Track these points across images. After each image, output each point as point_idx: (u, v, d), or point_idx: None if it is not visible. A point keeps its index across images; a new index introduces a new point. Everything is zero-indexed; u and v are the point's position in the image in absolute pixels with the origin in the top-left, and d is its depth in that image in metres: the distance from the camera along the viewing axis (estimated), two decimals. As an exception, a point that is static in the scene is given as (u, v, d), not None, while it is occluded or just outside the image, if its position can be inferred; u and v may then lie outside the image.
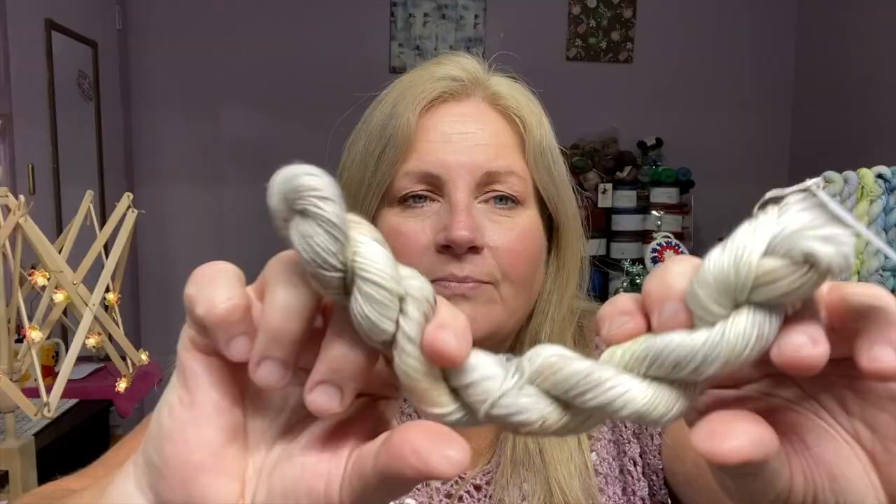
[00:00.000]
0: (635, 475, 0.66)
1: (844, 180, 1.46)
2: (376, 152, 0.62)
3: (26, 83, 2.47)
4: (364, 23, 3.53)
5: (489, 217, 0.61)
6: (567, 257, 0.67)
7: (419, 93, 0.62)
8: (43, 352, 1.82)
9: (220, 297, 0.28)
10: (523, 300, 0.63)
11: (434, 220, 0.61)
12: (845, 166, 1.50)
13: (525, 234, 0.62)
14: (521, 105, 0.64)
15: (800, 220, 0.23)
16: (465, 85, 0.64)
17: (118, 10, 3.30)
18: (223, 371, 0.29)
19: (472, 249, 0.59)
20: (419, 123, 0.61)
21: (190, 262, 1.51)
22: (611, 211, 3.32)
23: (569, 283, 0.67)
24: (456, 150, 0.61)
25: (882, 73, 3.06)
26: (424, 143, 0.61)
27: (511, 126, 0.64)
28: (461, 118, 0.62)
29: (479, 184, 0.61)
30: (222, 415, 0.29)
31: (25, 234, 1.18)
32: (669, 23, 3.65)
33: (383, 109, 0.63)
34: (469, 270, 0.59)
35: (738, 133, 3.75)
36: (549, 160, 0.64)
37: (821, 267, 0.22)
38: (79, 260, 1.31)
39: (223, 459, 0.29)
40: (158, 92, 3.45)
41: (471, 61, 0.65)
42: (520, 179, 0.63)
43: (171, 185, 3.50)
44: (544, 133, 0.65)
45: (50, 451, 1.72)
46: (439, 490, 0.64)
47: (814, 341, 0.23)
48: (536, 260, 0.64)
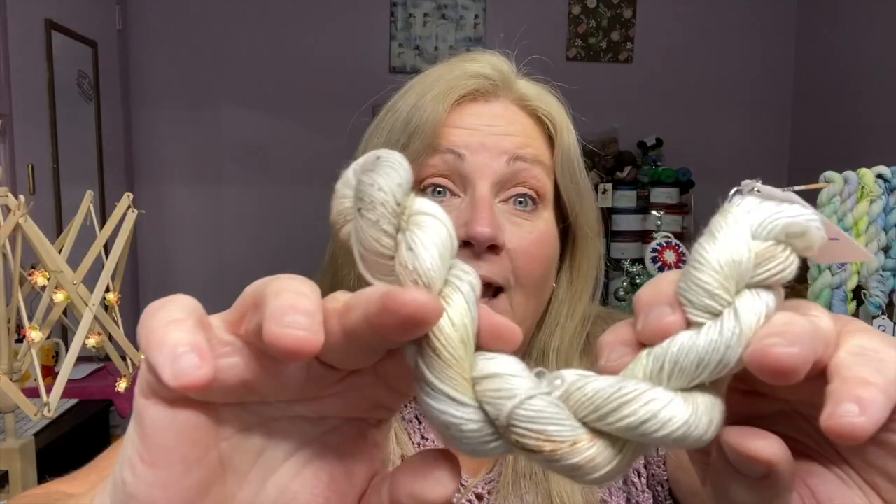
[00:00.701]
0: (639, 486, 0.65)
1: (844, 180, 1.46)
2: (401, 142, 0.59)
3: (26, 83, 2.47)
4: (364, 23, 3.53)
5: (509, 218, 0.60)
6: (582, 267, 0.65)
7: (449, 87, 0.60)
8: (43, 352, 1.82)
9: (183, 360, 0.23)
10: (533, 309, 0.62)
11: (454, 214, 0.57)
12: (845, 166, 1.50)
13: (543, 237, 0.61)
14: (551, 108, 0.63)
15: (766, 208, 0.25)
16: (495, 84, 0.62)
17: (118, 10, 3.30)
18: (190, 420, 0.25)
19: (491, 249, 0.57)
20: (447, 118, 0.59)
21: (190, 261, 1.52)
22: (611, 211, 3.32)
23: (582, 294, 0.65)
24: (482, 135, 0.59)
25: (882, 73, 3.06)
26: (451, 130, 0.60)
27: (540, 127, 0.63)
28: (489, 116, 0.61)
29: (501, 181, 0.59)
30: (191, 470, 0.25)
31: (25, 234, 1.18)
32: (669, 23, 3.65)
33: (408, 101, 0.61)
34: (486, 270, 0.57)
35: (738, 133, 3.75)
36: (574, 166, 0.63)
37: (802, 239, 0.25)
38: (79, 260, 1.31)
39: None
40: (158, 92, 3.45)
41: (502, 61, 0.64)
42: (545, 170, 0.61)
43: (171, 185, 3.50)
44: (572, 140, 0.64)
45: (50, 451, 1.72)
46: None
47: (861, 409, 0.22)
48: (550, 266, 0.63)
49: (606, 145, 3.42)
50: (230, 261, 3.49)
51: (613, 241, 3.33)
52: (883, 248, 1.44)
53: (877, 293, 1.43)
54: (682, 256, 1.59)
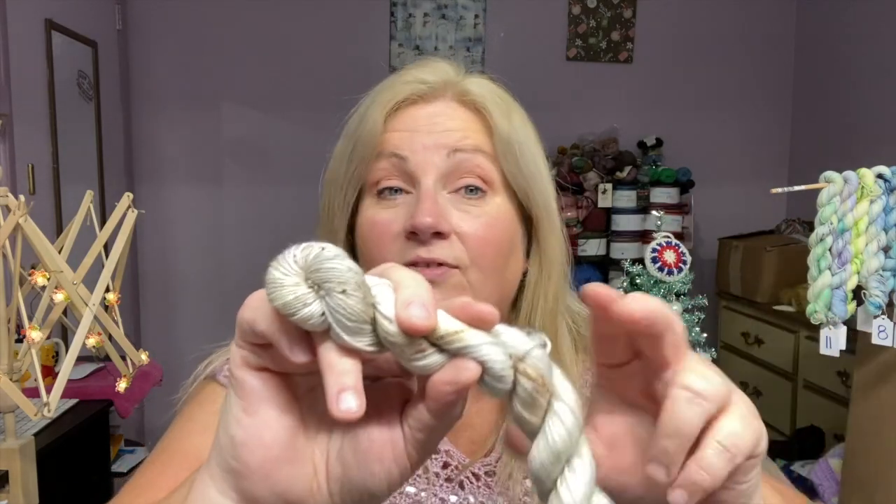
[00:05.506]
0: None
1: (844, 180, 1.46)
2: (348, 150, 0.66)
3: (26, 83, 2.47)
4: (364, 23, 3.52)
5: (457, 206, 0.63)
6: (549, 247, 0.68)
7: (388, 95, 0.65)
8: (43, 352, 1.82)
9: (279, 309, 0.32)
10: (494, 287, 0.64)
11: (405, 209, 0.62)
12: (845, 166, 1.50)
13: (493, 221, 0.63)
14: (486, 99, 0.66)
15: None
16: (433, 87, 0.66)
17: (118, 10, 3.30)
18: (276, 381, 0.35)
19: (437, 235, 0.61)
20: (386, 123, 0.64)
21: (190, 261, 1.52)
22: (611, 211, 3.32)
23: (552, 273, 0.68)
24: (422, 136, 0.63)
25: (882, 72, 3.06)
26: (393, 134, 0.64)
27: (480, 119, 0.66)
28: (428, 116, 0.64)
29: (446, 174, 0.63)
30: (283, 416, 0.35)
31: (25, 234, 1.18)
32: (669, 23, 3.65)
33: (358, 112, 0.67)
34: (437, 253, 0.61)
35: (738, 133, 3.75)
36: (515, 150, 0.65)
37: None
38: (79, 260, 1.31)
39: (294, 451, 0.35)
40: (158, 92, 3.45)
41: (445, 65, 0.67)
42: (487, 158, 0.64)
43: (171, 185, 3.50)
44: (514, 126, 0.66)
45: (50, 451, 1.72)
46: (438, 475, 0.65)
47: None
48: (507, 247, 0.65)
49: (606, 145, 3.42)
50: (230, 261, 3.49)
51: (613, 241, 3.33)
52: (883, 248, 1.44)
53: (877, 293, 1.43)
54: (682, 256, 1.59)
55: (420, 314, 0.31)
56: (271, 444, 0.34)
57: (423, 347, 0.32)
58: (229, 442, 0.34)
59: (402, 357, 0.32)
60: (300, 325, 0.32)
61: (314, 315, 0.32)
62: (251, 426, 0.34)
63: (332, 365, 0.31)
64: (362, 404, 0.31)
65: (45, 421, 1.57)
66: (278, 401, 0.34)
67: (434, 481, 0.65)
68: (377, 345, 0.32)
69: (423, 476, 0.65)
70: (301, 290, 0.32)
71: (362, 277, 0.32)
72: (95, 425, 2.13)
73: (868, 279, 1.44)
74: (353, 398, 0.31)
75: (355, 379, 0.31)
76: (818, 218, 1.46)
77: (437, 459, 0.66)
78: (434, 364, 0.32)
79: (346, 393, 0.31)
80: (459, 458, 0.66)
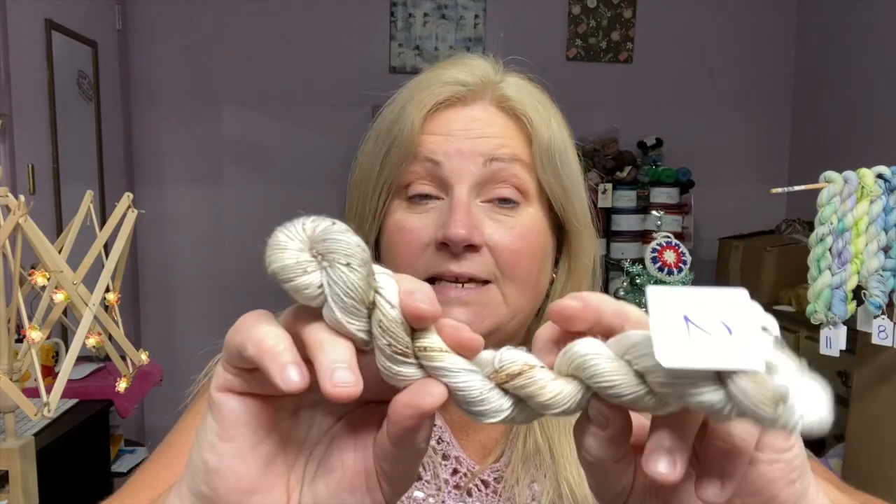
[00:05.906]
0: None
1: (844, 180, 1.46)
2: (382, 152, 0.63)
3: (26, 83, 2.47)
4: (364, 23, 3.52)
5: (490, 216, 0.61)
6: (579, 258, 0.66)
7: (426, 95, 0.63)
8: (43, 352, 1.82)
9: (269, 334, 0.31)
10: (526, 299, 0.63)
11: (436, 217, 0.61)
12: (845, 166, 1.50)
13: (526, 232, 0.62)
14: (527, 106, 0.64)
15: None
16: (472, 90, 0.64)
17: (118, 10, 3.30)
18: (258, 406, 0.33)
19: (470, 248, 0.59)
20: (424, 125, 0.62)
21: (190, 262, 1.52)
22: (611, 211, 3.32)
23: (581, 284, 0.66)
24: (459, 141, 0.61)
25: (882, 73, 3.06)
26: (428, 137, 0.62)
27: (518, 125, 0.64)
28: (466, 120, 0.62)
29: (480, 182, 0.61)
30: (260, 444, 0.33)
31: (25, 234, 1.18)
32: (669, 23, 3.65)
33: (392, 110, 0.64)
34: (467, 267, 0.59)
35: (738, 133, 3.75)
36: (556, 161, 0.64)
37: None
38: (79, 260, 1.31)
39: (268, 480, 0.33)
40: (158, 92, 3.45)
41: (482, 64, 0.65)
42: (524, 168, 0.62)
43: (171, 185, 3.50)
44: (553, 134, 0.64)
45: (50, 451, 1.72)
46: (448, 482, 0.65)
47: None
48: (539, 259, 0.63)
49: (606, 145, 3.42)
50: (230, 261, 3.49)
51: (613, 241, 3.33)
52: (883, 248, 1.44)
53: (877, 293, 1.43)
54: (682, 256, 1.59)
55: (425, 300, 0.30)
56: (244, 474, 0.32)
57: (407, 351, 0.31)
58: (202, 466, 0.33)
59: (384, 354, 0.31)
60: (293, 293, 0.30)
61: (311, 285, 0.30)
62: (225, 453, 0.32)
63: (323, 342, 0.30)
64: (359, 380, 0.29)
65: (45, 421, 1.57)
66: (256, 427, 0.33)
67: (443, 488, 0.64)
68: (366, 333, 0.31)
69: (434, 482, 0.64)
70: (303, 257, 0.30)
71: (369, 256, 0.31)
72: (95, 425, 2.13)
73: (868, 279, 1.44)
74: (348, 372, 0.29)
75: (349, 356, 0.30)
76: (818, 218, 1.46)
77: (446, 465, 0.65)
78: (408, 375, 0.31)
79: (339, 366, 0.29)
80: (469, 464, 0.65)
